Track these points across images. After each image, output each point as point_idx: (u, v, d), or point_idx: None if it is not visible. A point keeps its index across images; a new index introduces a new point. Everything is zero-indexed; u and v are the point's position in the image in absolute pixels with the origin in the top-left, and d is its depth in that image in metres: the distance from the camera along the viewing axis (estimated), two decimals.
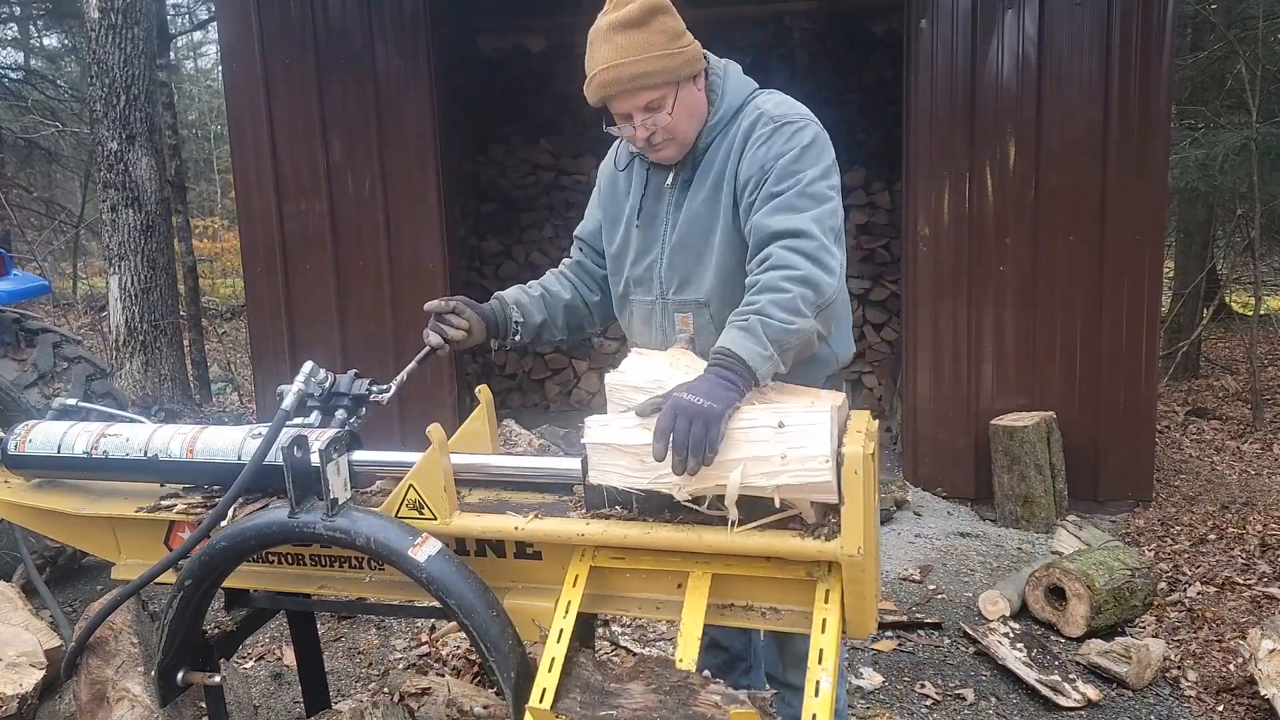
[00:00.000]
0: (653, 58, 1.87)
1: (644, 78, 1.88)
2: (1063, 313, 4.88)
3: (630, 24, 1.87)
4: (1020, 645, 3.39)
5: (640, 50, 1.86)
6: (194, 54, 20.24)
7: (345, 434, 1.87)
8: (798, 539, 1.60)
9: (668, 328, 2.08)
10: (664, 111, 1.91)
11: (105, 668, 2.18)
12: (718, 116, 2.00)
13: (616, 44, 1.87)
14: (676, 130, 1.95)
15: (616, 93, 1.91)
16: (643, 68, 1.87)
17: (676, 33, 1.91)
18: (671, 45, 1.89)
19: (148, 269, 6.45)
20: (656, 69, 1.88)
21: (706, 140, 2.01)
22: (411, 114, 5.34)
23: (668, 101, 1.91)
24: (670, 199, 2.06)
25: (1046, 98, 4.75)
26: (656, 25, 1.88)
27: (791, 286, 1.77)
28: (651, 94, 1.90)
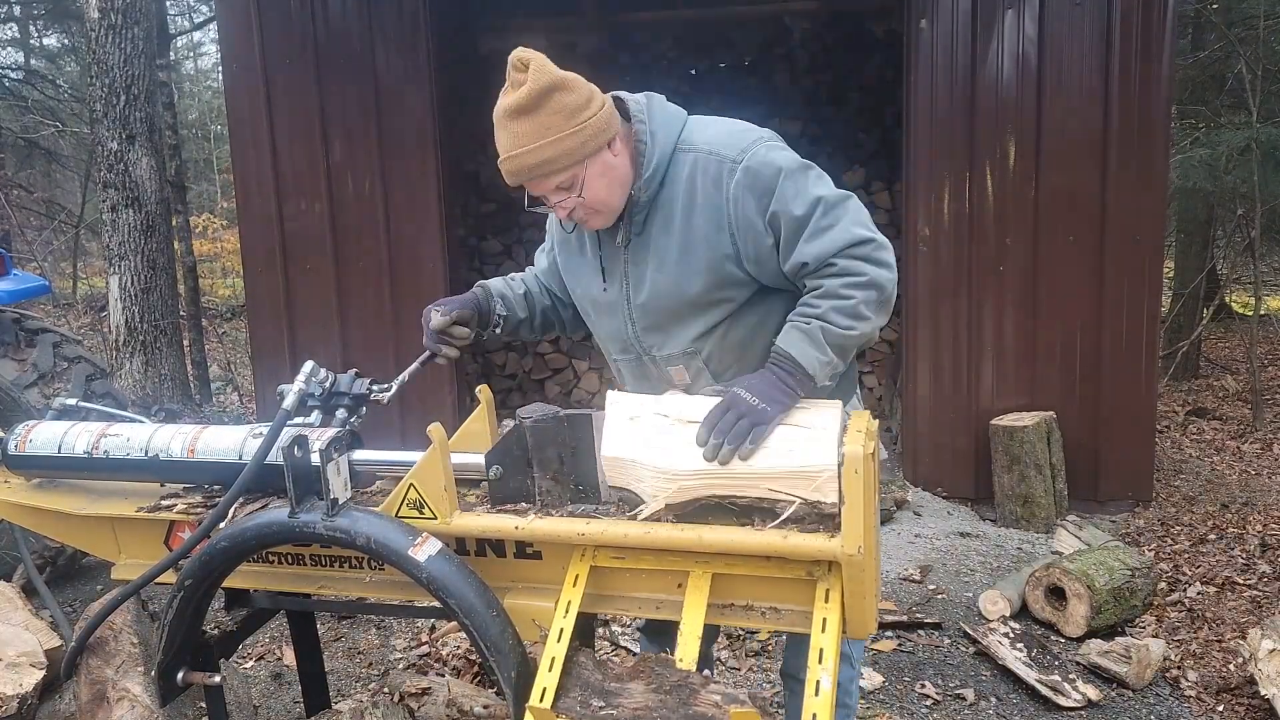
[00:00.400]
0: (550, 143, 1.76)
1: (545, 165, 1.78)
2: (1063, 313, 4.88)
3: (522, 110, 1.75)
4: (1020, 645, 3.39)
5: (536, 137, 1.76)
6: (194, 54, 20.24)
7: (345, 433, 1.87)
8: (798, 538, 1.60)
9: (662, 378, 2.04)
10: (574, 192, 1.83)
11: (105, 668, 2.18)
12: (652, 168, 1.87)
13: (513, 133, 1.78)
14: (595, 204, 1.86)
15: (523, 180, 1.83)
16: (542, 155, 1.77)
17: (573, 109, 1.77)
18: (570, 125, 1.77)
19: (148, 269, 6.44)
20: (555, 154, 1.77)
21: (648, 193, 1.89)
22: (411, 114, 5.34)
23: (577, 181, 1.82)
24: (625, 257, 1.97)
25: (1046, 97, 4.75)
26: (551, 107, 1.75)
27: (854, 292, 1.79)
28: (558, 177, 1.80)
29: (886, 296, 1.83)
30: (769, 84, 7.29)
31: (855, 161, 6.91)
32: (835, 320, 1.79)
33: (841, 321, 1.79)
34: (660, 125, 1.90)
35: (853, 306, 1.79)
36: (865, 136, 7.06)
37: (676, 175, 1.89)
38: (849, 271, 1.80)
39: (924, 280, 5.01)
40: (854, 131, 7.09)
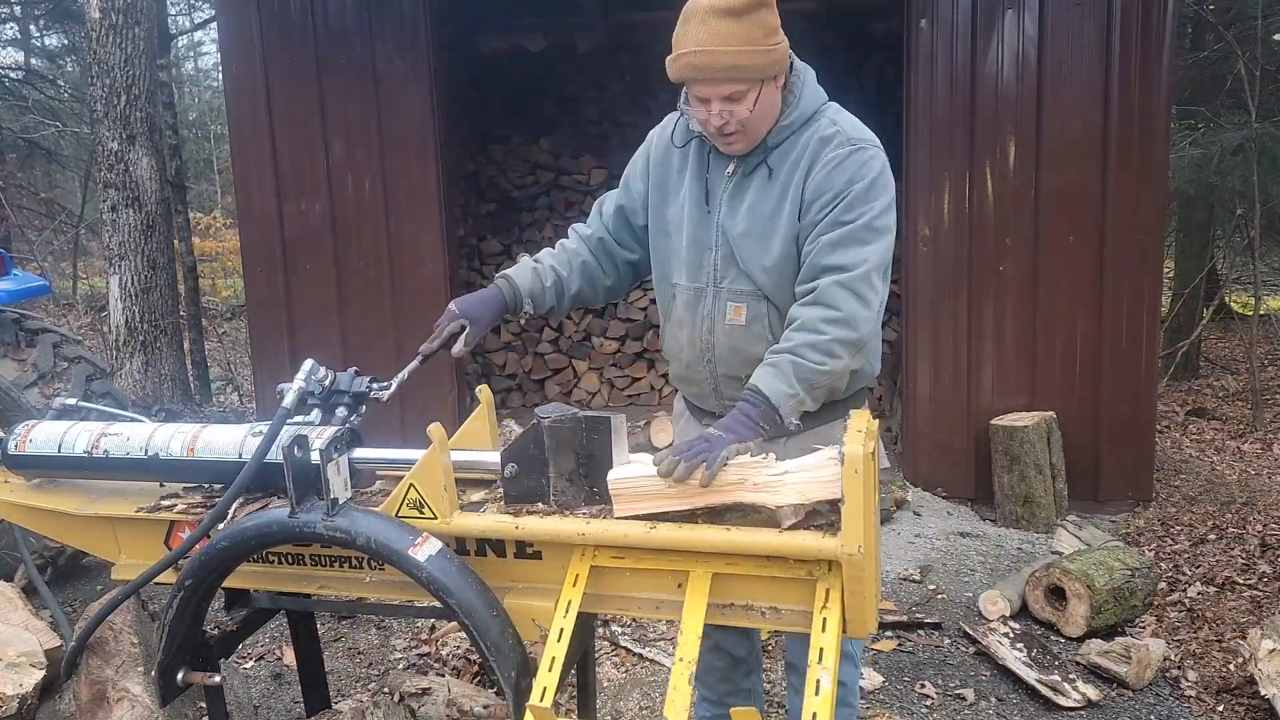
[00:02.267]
0: (747, 51, 1.83)
1: (734, 70, 1.84)
2: (1063, 313, 4.88)
3: (732, 11, 1.82)
4: (1020, 645, 3.39)
5: (736, 41, 1.82)
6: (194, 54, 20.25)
7: (346, 433, 1.87)
8: (798, 538, 1.60)
9: (716, 314, 2.06)
10: (743, 105, 1.89)
11: (105, 668, 2.18)
12: (790, 119, 1.98)
13: (713, 29, 1.82)
14: (750, 126, 1.93)
15: (702, 78, 1.87)
16: (736, 60, 1.83)
17: (772, 28, 1.88)
18: (766, 41, 1.86)
19: (148, 269, 6.44)
20: (747, 64, 1.84)
21: (776, 140, 1.99)
22: (411, 114, 5.33)
23: (749, 97, 1.88)
24: (728, 187, 2.03)
25: (1046, 98, 4.75)
26: (757, 18, 1.84)
27: (829, 329, 1.85)
28: (736, 86, 1.86)
29: (859, 338, 1.89)
30: None
31: None
32: (806, 355, 1.84)
33: (812, 357, 1.84)
34: (809, 91, 2.02)
35: (825, 344, 1.85)
36: None
37: (801, 136, 1.99)
38: (829, 302, 1.86)
39: (924, 280, 5.01)
40: None
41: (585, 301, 2.26)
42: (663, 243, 2.15)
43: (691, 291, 2.09)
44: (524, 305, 2.14)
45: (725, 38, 1.82)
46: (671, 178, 2.12)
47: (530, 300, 2.15)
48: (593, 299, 2.28)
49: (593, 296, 2.26)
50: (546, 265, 2.19)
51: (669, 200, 2.12)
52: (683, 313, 2.12)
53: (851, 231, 1.89)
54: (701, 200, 2.06)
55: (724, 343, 2.07)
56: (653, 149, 2.18)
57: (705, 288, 2.07)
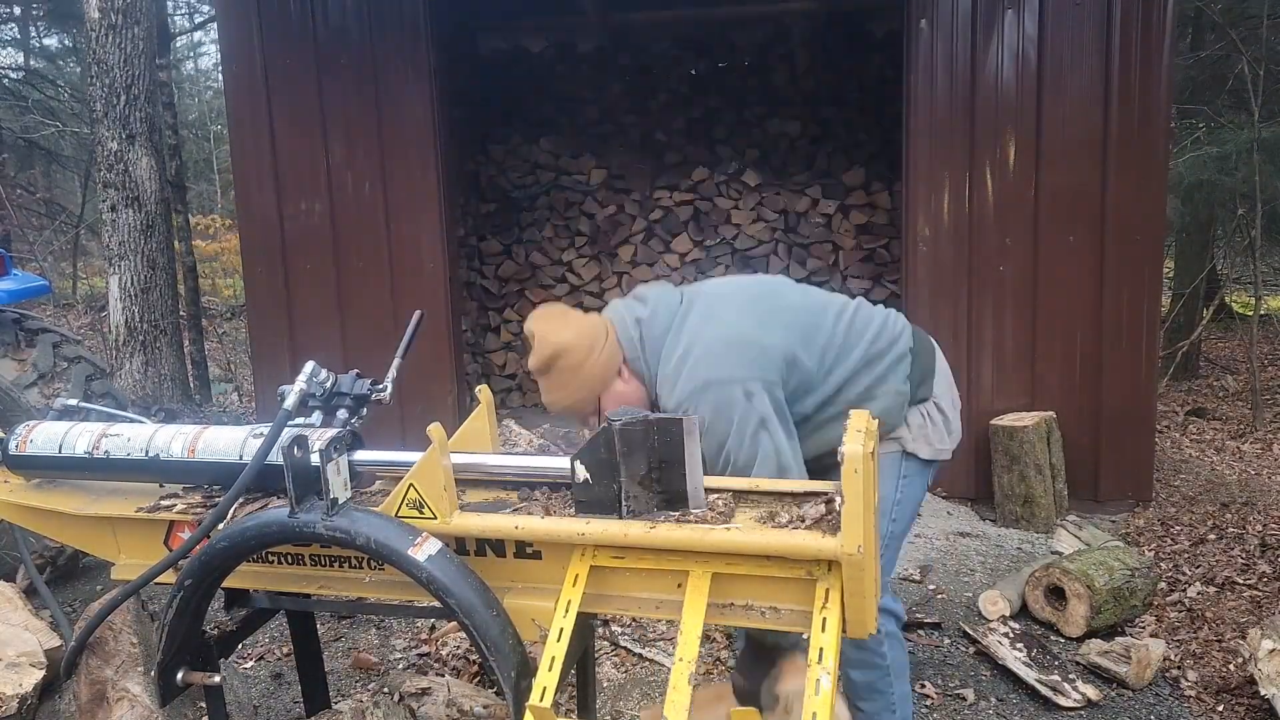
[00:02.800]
0: (565, 393, 2.18)
1: (569, 407, 2.21)
2: (1063, 313, 4.88)
3: (539, 371, 2.18)
4: (1020, 645, 3.39)
5: (555, 390, 2.19)
6: (194, 54, 20.24)
7: (346, 433, 1.87)
8: (798, 538, 1.60)
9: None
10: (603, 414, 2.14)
11: (105, 668, 2.18)
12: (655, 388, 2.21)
13: (541, 384, 2.21)
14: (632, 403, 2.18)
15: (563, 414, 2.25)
16: (563, 401, 2.20)
17: (576, 365, 2.15)
18: (576, 378, 2.16)
19: (148, 269, 6.44)
20: (573, 400, 2.19)
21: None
22: (411, 114, 5.34)
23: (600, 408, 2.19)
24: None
25: (1046, 97, 4.75)
26: (557, 368, 2.15)
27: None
28: (583, 410, 2.21)
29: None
30: (769, 84, 7.29)
31: (855, 161, 6.92)
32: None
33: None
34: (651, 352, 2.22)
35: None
36: (865, 136, 7.06)
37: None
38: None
39: (924, 280, 5.01)
40: (854, 131, 7.09)
41: None
42: None
43: None
44: None
45: (548, 391, 2.20)
46: None
47: None
48: None
49: None
50: None
51: None
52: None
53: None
54: None
55: None
56: None
57: None
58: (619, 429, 1.70)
